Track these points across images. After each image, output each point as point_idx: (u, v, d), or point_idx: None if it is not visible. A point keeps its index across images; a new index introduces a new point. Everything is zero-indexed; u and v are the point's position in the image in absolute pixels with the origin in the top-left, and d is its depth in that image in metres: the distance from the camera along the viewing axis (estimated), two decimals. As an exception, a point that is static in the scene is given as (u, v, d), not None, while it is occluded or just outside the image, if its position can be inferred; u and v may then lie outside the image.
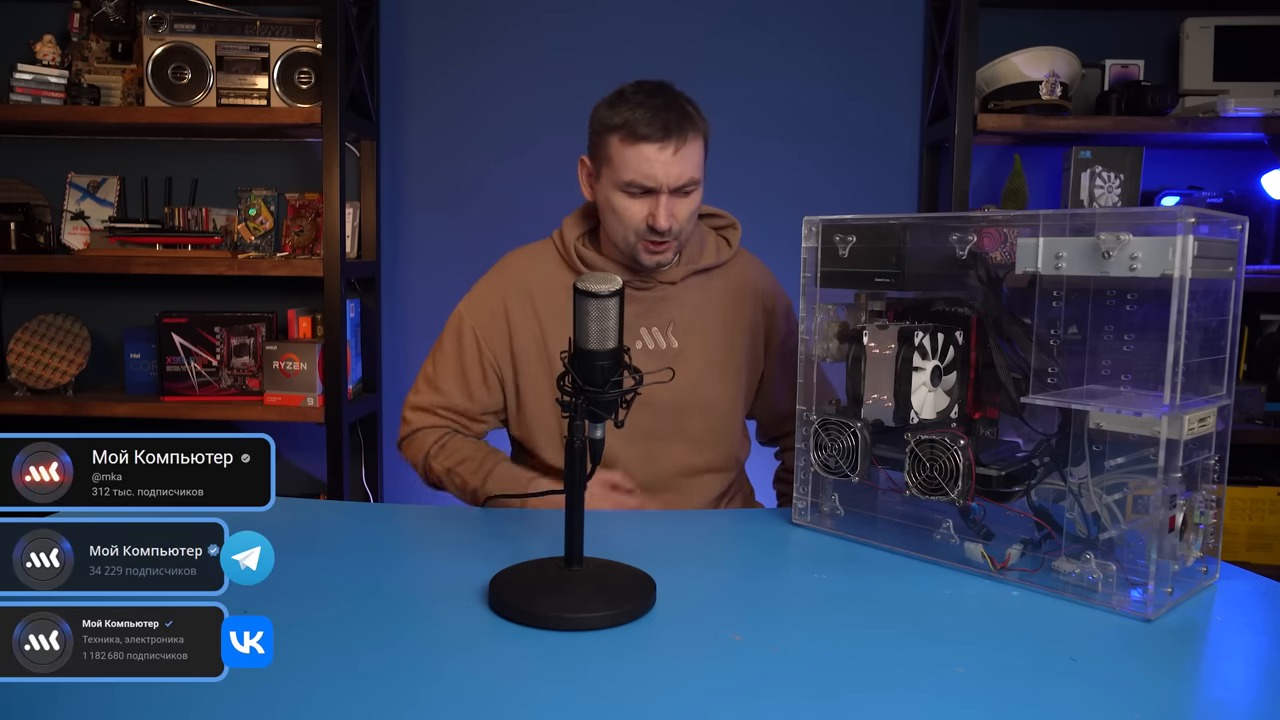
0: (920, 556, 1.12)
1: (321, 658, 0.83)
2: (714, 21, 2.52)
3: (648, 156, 1.34)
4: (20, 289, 2.64)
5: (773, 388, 1.57)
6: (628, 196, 1.38)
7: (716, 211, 1.58)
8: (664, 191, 1.36)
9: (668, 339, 1.48)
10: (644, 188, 1.36)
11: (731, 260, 1.54)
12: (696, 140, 1.37)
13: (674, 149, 1.34)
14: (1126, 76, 2.38)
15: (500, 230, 2.50)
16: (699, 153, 1.39)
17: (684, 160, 1.36)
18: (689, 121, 1.37)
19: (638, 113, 1.35)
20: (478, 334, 1.48)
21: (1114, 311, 0.99)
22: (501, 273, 1.52)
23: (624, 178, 1.37)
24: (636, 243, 1.40)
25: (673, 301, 1.48)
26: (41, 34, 2.40)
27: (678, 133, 1.34)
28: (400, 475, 2.67)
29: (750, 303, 1.54)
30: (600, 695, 0.78)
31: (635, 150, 1.35)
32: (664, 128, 1.34)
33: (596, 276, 0.95)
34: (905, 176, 2.56)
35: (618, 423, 0.99)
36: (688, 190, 1.38)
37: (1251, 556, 2.33)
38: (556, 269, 1.50)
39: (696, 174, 1.38)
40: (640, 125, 1.34)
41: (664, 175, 1.35)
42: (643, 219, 1.38)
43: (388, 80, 2.56)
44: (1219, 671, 0.89)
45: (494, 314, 1.48)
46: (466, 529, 1.27)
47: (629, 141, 1.35)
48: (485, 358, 1.48)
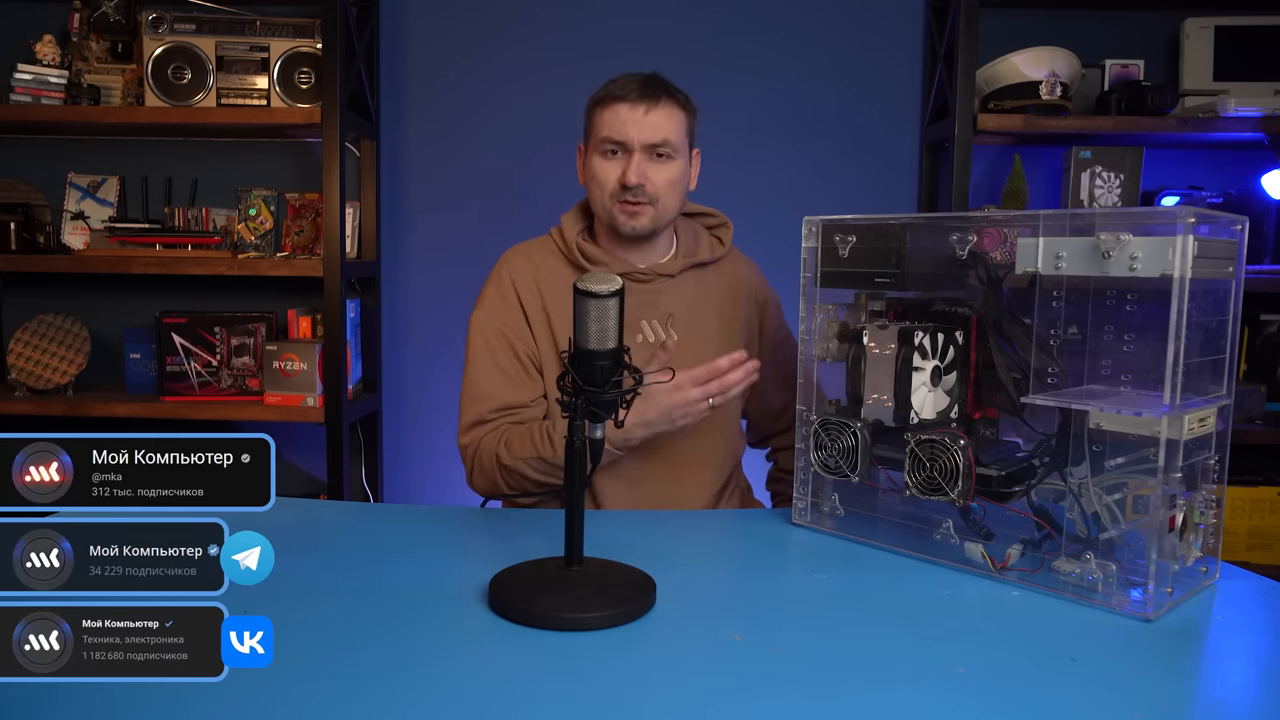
0: (920, 556, 1.12)
1: (321, 658, 0.83)
2: (714, 21, 2.52)
3: (620, 115, 1.41)
4: (20, 289, 2.64)
5: (765, 385, 1.58)
6: (603, 158, 1.43)
7: (708, 210, 1.60)
8: (635, 149, 1.41)
9: (667, 332, 1.49)
10: (616, 142, 1.41)
11: (725, 258, 1.57)
12: (672, 108, 1.43)
13: (645, 109, 1.40)
14: (1126, 76, 2.38)
15: (500, 230, 2.50)
16: (676, 121, 1.43)
17: (656, 120, 1.40)
18: (665, 91, 1.43)
19: (618, 82, 1.44)
20: (503, 329, 1.47)
21: (1114, 311, 0.99)
22: (509, 266, 1.52)
23: (600, 135, 1.43)
24: (613, 206, 1.43)
25: (671, 294, 1.50)
26: (41, 34, 2.40)
27: (651, 95, 1.41)
28: (400, 475, 2.67)
29: (744, 299, 1.56)
30: (600, 695, 0.78)
31: (610, 110, 1.42)
32: (638, 90, 1.41)
33: (596, 276, 0.95)
34: (905, 176, 2.56)
35: (618, 422, 0.99)
36: (661, 152, 1.42)
37: (1251, 556, 2.33)
38: (558, 265, 1.51)
39: (673, 138, 1.42)
40: (616, 89, 1.43)
41: (635, 132, 1.40)
42: (616, 179, 1.42)
43: (388, 80, 2.56)
44: (1219, 671, 0.89)
45: (510, 306, 1.48)
46: (466, 529, 1.27)
47: (605, 105, 1.43)
48: (518, 348, 1.46)
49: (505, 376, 1.45)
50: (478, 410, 1.44)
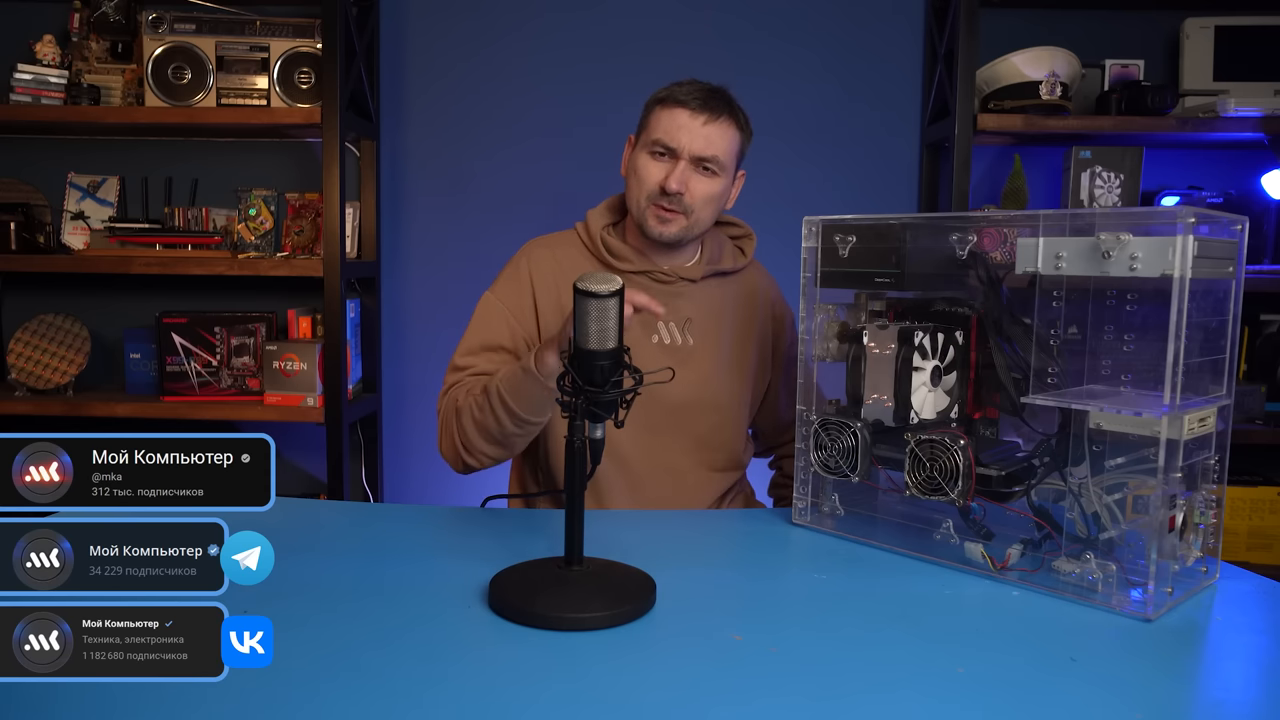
0: (920, 556, 1.12)
1: (321, 658, 0.83)
2: (714, 21, 2.52)
3: (677, 119, 1.40)
4: (20, 289, 2.64)
5: (777, 398, 1.59)
6: (650, 157, 1.42)
7: (734, 220, 1.61)
8: (684, 157, 1.40)
9: (684, 336, 1.48)
10: (666, 147, 1.40)
11: (746, 269, 1.58)
12: (729, 126, 1.42)
13: (704, 119, 1.39)
14: (1126, 76, 2.38)
15: (500, 230, 2.50)
16: (730, 138, 1.42)
17: (711, 134, 1.39)
18: (728, 107, 1.42)
19: (684, 86, 1.42)
20: (507, 310, 1.46)
21: (1114, 311, 0.99)
22: (529, 255, 1.51)
23: (653, 136, 1.42)
24: (647, 207, 1.42)
25: (691, 299, 1.50)
26: (41, 34, 2.40)
27: (713, 108, 1.40)
28: (400, 475, 2.67)
29: (762, 311, 1.57)
30: (600, 695, 0.78)
31: (669, 113, 1.41)
32: (702, 100, 1.40)
33: (596, 276, 0.95)
34: (905, 176, 2.56)
35: (618, 423, 0.99)
36: (708, 167, 1.41)
37: (1251, 556, 2.33)
38: (581, 258, 1.50)
39: (722, 155, 1.41)
40: (680, 93, 1.41)
41: (688, 140, 1.39)
42: (658, 181, 1.41)
43: (388, 80, 2.56)
44: (1219, 671, 0.89)
45: (522, 292, 1.47)
46: (466, 529, 1.27)
47: (666, 106, 1.42)
48: (516, 333, 1.45)
49: (492, 352, 1.44)
50: (455, 376, 1.43)
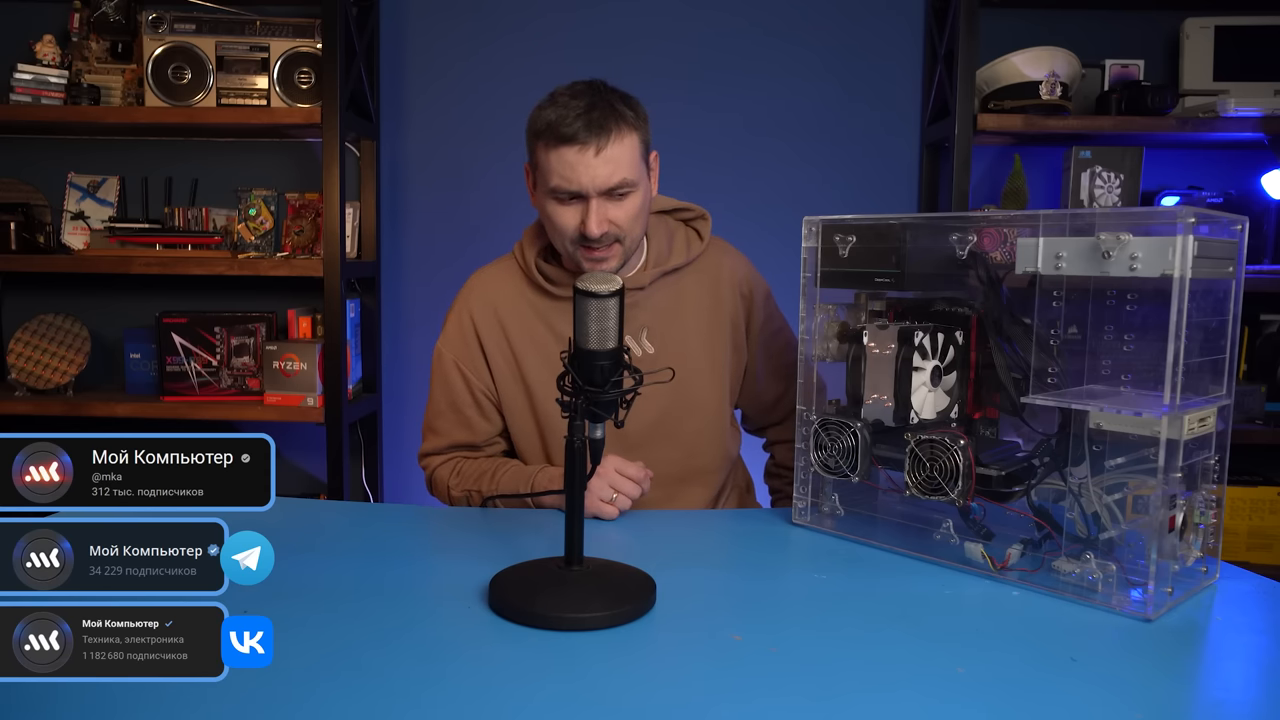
0: (920, 556, 1.12)
1: (321, 658, 0.83)
2: (714, 21, 2.52)
3: (569, 160, 1.28)
4: (20, 289, 2.64)
5: (756, 376, 1.54)
6: (558, 203, 1.33)
7: (684, 205, 1.53)
8: (592, 196, 1.30)
9: (642, 345, 1.44)
10: (570, 192, 1.30)
11: (704, 254, 1.50)
12: (625, 139, 1.30)
13: (595, 149, 1.28)
14: (1126, 76, 2.38)
15: (500, 230, 2.50)
16: (630, 152, 1.31)
17: (610, 161, 1.29)
18: (614, 119, 1.29)
19: (559, 114, 1.28)
20: (460, 367, 1.46)
21: (1114, 311, 0.99)
22: (468, 299, 1.48)
23: (551, 183, 1.31)
24: (576, 251, 1.35)
25: (644, 306, 1.44)
26: (41, 34, 2.40)
27: (599, 132, 1.27)
28: (400, 475, 2.67)
29: (728, 294, 1.49)
30: (600, 695, 0.78)
31: (557, 154, 1.29)
32: (586, 127, 1.27)
33: (597, 276, 0.95)
34: (905, 176, 2.56)
35: (618, 423, 0.99)
36: (621, 192, 1.31)
37: (1251, 556, 2.33)
38: (520, 288, 1.46)
39: (629, 174, 1.31)
40: (560, 126, 1.28)
41: (588, 179, 1.29)
42: (575, 226, 1.32)
43: (388, 80, 2.56)
44: (1219, 671, 0.89)
45: (468, 342, 1.46)
46: (466, 529, 1.27)
47: (551, 145, 1.29)
48: (474, 387, 1.45)
49: (459, 416, 1.47)
50: (433, 442, 1.49)
